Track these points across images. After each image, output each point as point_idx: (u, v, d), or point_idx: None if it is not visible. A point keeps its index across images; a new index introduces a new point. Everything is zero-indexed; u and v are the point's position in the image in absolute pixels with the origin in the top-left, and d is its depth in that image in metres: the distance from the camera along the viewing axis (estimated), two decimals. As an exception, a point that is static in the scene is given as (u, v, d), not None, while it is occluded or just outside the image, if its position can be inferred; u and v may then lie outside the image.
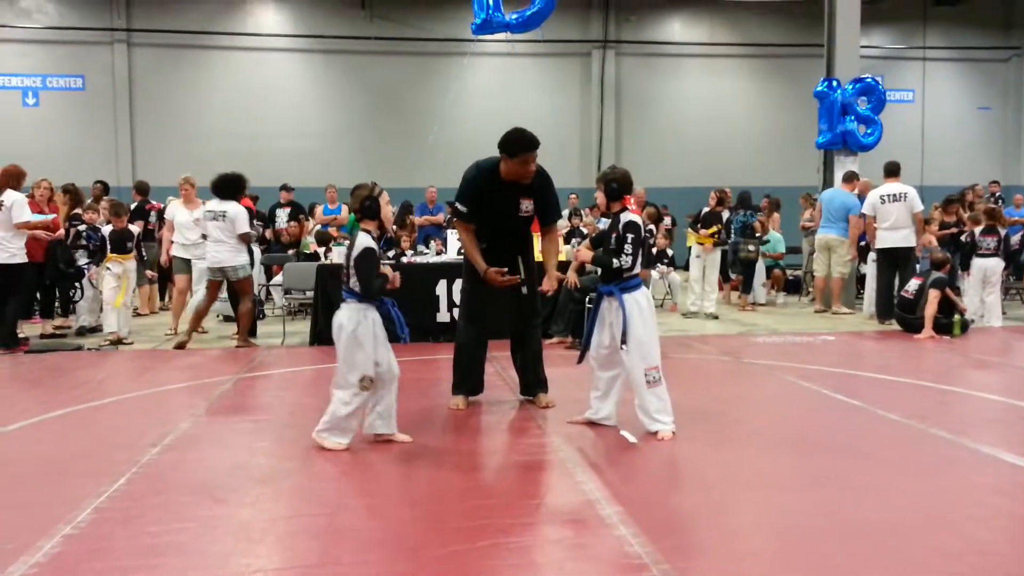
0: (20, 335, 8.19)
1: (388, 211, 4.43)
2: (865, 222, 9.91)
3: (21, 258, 8.03)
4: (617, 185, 4.62)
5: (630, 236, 4.51)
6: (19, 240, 7.98)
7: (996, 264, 9.46)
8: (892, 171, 9.91)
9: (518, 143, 4.93)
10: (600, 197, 4.70)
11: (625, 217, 4.59)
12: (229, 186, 7.96)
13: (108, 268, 8.61)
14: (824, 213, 10.70)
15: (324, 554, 2.96)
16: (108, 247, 8.67)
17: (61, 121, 17.72)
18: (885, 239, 9.63)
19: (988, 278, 9.43)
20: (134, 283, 8.85)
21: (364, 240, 4.25)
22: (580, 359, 4.80)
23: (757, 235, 11.70)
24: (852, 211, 10.42)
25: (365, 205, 4.31)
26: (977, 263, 9.52)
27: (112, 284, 8.57)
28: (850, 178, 10.76)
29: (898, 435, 4.59)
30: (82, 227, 9.02)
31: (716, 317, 10.18)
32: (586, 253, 4.78)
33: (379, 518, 3.37)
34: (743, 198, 11.90)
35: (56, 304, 9.22)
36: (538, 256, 5.44)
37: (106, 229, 8.77)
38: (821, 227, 10.75)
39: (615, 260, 4.50)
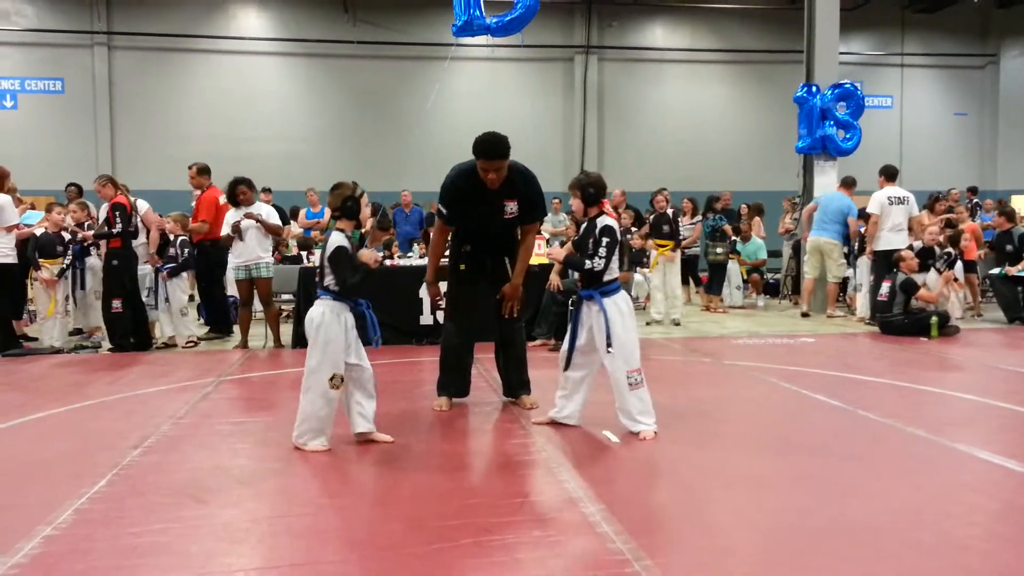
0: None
1: (366, 212, 4.47)
2: (870, 221, 10.07)
3: (12, 258, 7.99)
4: (594, 190, 4.66)
5: (605, 240, 4.53)
6: (9, 240, 7.93)
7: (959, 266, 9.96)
8: (892, 174, 10.20)
9: (478, 147, 4.88)
10: (577, 203, 4.71)
11: (602, 221, 4.61)
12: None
13: (33, 277, 8.29)
14: (819, 215, 10.77)
15: (306, 553, 2.96)
16: (37, 252, 8.32)
17: (40, 124, 17.55)
18: (888, 241, 9.80)
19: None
20: (66, 290, 8.38)
21: (337, 239, 4.29)
22: (566, 366, 4.73)
23: (728, 239, 11.84)
24: (851, 214, 10.59)
25: (347, 205, 4.35)
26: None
27: (43, 293, 8.26)
28: (850, 183, 10.91)
29: (877, 434, 4.65)
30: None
31: (678, 323, 9.86)
32: (558, 251, 4.78)
33: (361, 518, 3.38)
34: (709, 202, 12.05)
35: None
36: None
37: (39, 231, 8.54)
38: (814, 230, 10.82)
39: (588, 262, 4.52)
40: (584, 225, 4.73)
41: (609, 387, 4.59)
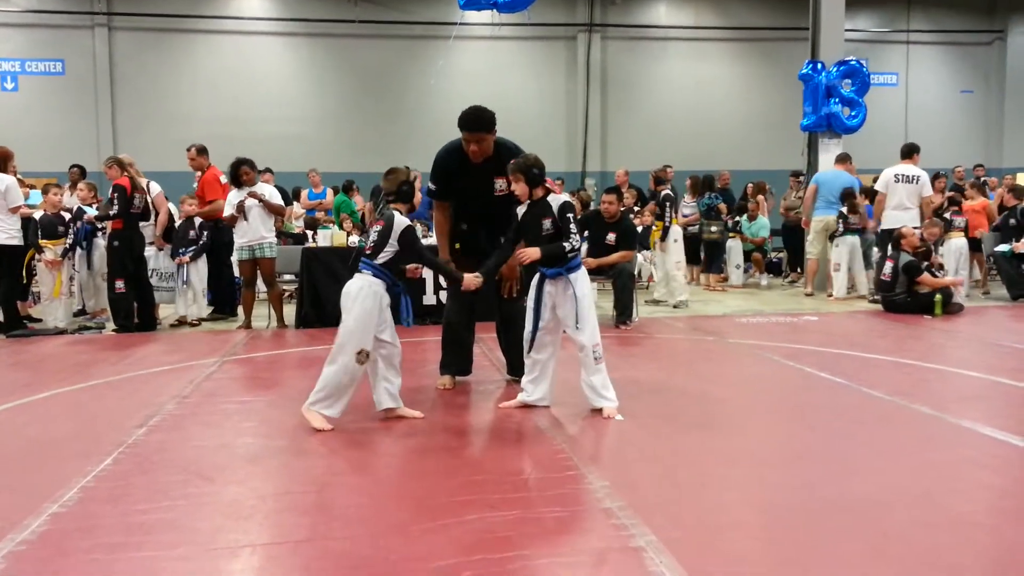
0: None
1: (419, 196, 4.61)
2: (876, 199, 10.00)
3: (18, 240, 8.00)
4: (538, 171, 4.57)
5: (570, 215, 4.50)
6: (15, 221, 7.94)
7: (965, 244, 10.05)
8: (907, 152, 10.13)
9: (460, 119, 4.96)
10: (521, 187, 4.54)
11: (556, 200, 4.56)
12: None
13: (36, 259, 8.31)
14: (823, 195, 10.67)
15: (313, 530, 2.97)
16: (39, 232, 8.30)
17: (41, 106, 17.47)
18: (892, 219, 9.73)
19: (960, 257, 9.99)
20: (70, 271, 8.43)
21: (403, 219, 4.40)
22: (529, 348, 4.66)
23: (723, 217, 11.83)
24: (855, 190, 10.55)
25: (403, 189, 4.47)
26: (952, 243, 9.92)
27: (47, 275, 8.28)
28: (844, 159, 10.83)
29: (882, 412, 4.65)
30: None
31: (683, 305, 9.57)
32: (532, 251, 4.49)
33: (367, 494, 3.39)
34: (707, 181, 12.01)
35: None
36: None
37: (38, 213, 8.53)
38: (819, 208, 10.72)
39: (565, 244, 4.45)
40: (527, 207, 4.59)
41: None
